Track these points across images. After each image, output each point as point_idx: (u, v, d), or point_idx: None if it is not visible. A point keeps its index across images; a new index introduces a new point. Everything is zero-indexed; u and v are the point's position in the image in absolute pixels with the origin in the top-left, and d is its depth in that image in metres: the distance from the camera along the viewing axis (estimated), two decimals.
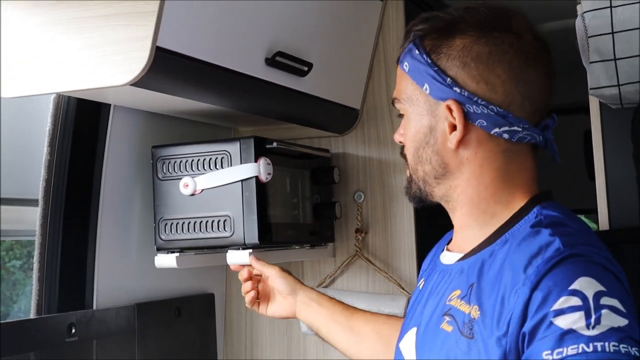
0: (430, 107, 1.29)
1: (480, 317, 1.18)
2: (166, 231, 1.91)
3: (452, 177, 1.30)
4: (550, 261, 1.13)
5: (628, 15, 1.58)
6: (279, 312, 1.73)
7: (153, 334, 2.00)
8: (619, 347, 1.04)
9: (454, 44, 1.27)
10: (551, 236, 1.17)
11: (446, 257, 1.37)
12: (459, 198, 1.31)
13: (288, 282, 1.70)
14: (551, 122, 1.30)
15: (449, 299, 1.27)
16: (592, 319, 1.06)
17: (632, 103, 1.62)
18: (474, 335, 1.18)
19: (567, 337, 1.06)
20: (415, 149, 1.33)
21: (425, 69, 1.28)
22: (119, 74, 1.46)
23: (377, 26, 2.26)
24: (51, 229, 1.82)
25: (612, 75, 1.61)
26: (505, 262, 1.19)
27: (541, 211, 1.25)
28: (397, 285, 2.19)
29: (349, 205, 2.28)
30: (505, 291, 1.15)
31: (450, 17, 1.30)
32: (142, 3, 1.43)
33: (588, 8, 1.62)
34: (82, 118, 1.86)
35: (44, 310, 1.80)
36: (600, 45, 1.61)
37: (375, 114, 2.28)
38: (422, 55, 1.28)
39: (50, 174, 1.82)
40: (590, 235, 1.22)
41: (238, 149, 1.87)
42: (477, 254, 1.27)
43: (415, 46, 1.30)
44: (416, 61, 1.29)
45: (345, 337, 1.65)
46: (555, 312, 1.08)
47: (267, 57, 1.79)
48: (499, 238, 1.25)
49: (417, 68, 1.29)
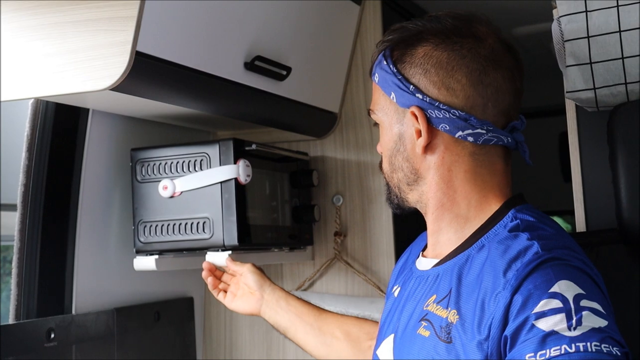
0: (398, 115, 1.33)
1: (459, 321, 1.18)
2: (145, 233, 1.91)
3: (423, 182, 1.32)
4: (530, 265, 1.14)
5: (603, 20, 1.59)
6: (242, 308, 1.72)
7: (132, 338, 2.00)
8: (600, 346, 1.05)
9: (416, 52, 1.30)
10: (529, 240, 1.19)
11: (422, 263, 1.38)
12: (430, 203, 1.33)
13: (257, 278, 1.71)
14: (519, 124, 1.31)
15: (426, 304, 1.28)
16: (574, 321, 1.07)
17: (607, 106, 1.64)
18: (452, 340, 1.18)
19: (549, 339, 1.07)
20: (389, 157, 1.36)
21: (392, 78, 1.31)
22: (99, 79, 1.45)
23: (354, 30, 2.27)
24: (30, 234, 1.82)
25: (588, 79, 1.62)
26: (484, 267, 1.20)
27: (516, 215, 1.26)
28: (375, 287, 2.20)
29: (328, 208, 2.28)
30: (486, 295, 1.16)
31: (415, 27, 1.32)
32: (121, 8, 1.43)
33: (564, 12, 1.64)
34: (60, 122, 1.85)
35: (23, 315, 1.80)
36: (576, 49, 1.62)
37: (353, 118, 2.29)
38: (389, 65, 1.32)
39: (28, 178, 1.81)
40: (566, 239, 1.24)
41: (217, 151, 1.87)
42: (453, 259, 1.28)
43: (384, 57, 1.34)
44: (384, 71, 1.33)
45: (313, 338, 1.65)
46: (536, 314, 1.09)
47: (246, 61, 1.79)
48: (475, 243, 1.27)
49: (384, 78, 1.33)
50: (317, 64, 2.14)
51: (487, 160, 1.29)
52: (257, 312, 1.71)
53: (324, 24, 2.12)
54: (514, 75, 1.30)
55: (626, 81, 1.59)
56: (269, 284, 1.71)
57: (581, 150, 1.76)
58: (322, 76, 2.19)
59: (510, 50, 1.31)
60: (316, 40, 2.10)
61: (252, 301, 1.71)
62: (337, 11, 2.18)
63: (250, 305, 1.71)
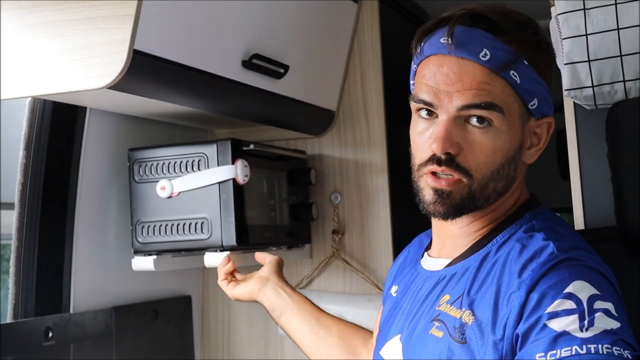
0: (522, 121, 1.24)
1: (475, 322, 1.17)
2: (143, 234, 1.91)
3: (508, 192, 1.28)
4: (545, 265, 1.14)
5: (601, 18, 1.59)
6: (242, 292, 1.65)
7: (130, 336, 2.00)
8: (611, 349, 1.04)
9: (541, 58, 1.25)
10: (545, 240, 1.18)
11: (429, 262, 1.35)
12: (488, 209, 1.28)
13: (273, 268, 1.66)
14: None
15: (438, 304, 1.25)
16: (586, 322, 1.06)
17: (606, 104, 1.64)
18: (467, 340, 1.17)
19: (560, 340, 1.06)
20: (500, 165, 1.23)
21: (539, 87, 1.24)
22: (97, 77, 1.45)
23: (352, 28, 2.27)
24: (27, 233, 1.81)
25: (586, 77, 1.62)
26: (499, 267, 1.19)
27: (533, 215, 1.26)
28: (374, 285, 2.20)
29: (326, 207, 2.28)
30: (500, 295, 1.16)
31: (536, 39, 1.26)
32: (119, 6, 1.43)
33: (562, 10, 1.64)
34: (58, 121, 1.85)
35: (21, 314, 1.79)
36: (575, 47, 1.62)
37: (351, 115, 2.29)
38: (531, 70, 1.23)
39: (26, 177, 1.81)
40: (581, 240, 1.23)
41: (215, 151, 1.87)
42: (467, 259, 1.26)
43: (525, 59, 1.22)
44: (528, 76, 1.23)
45: (307, 327, 1.59)
46: (549, 314, 1.09)
47: (243, 59, 1.79)
48: (490, 242, 1.25)
49: (529, 83, 1.23)
50: (315, 62, 2.14)
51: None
52: (256, 294, 1.63)
53: (321, 22, 2.12)
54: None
55: (624, 79, 1.60)
56: (279, 276, 1.65)
57: (579, 148, 1.76)
58: (319, 74, 2.18)
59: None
60: (314, 39, 2.10)
61: (255, 284, 1.64)
62: (335, 9, 2.18)
63: (249, 288, 1.64)
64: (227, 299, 2.32)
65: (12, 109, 1.87)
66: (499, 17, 1.22)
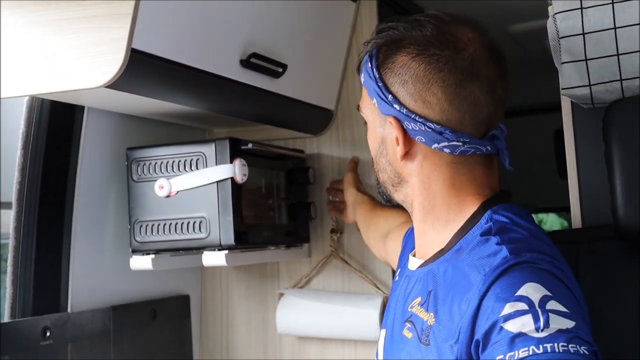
0: (381, 119, 1.35)
1: (435, 324, 1.21)
2: (141, 233, 1.91)
3: (407, 185, 1.35)
4: (497, 269, 1.16)
5: (598, 17, 1.60)
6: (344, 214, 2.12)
7: (128, 336, 2.00)
8: (567, 346, 1.06)
9: (397, 60, 1.31)
10: (498, 245, 1.20)
11: (411, 262, 1.40)
12: (414, 204, 1.35)
13: (350, 192, 2.10)
14: (499, 133, 1.31)
15: (411, 305, 1.31)
16: (541, 323, 1.08)
17: (603, 103, 1.64)
18: (430, 342, 1.21)
19: (517, 341, 1.08)
20: (375, 157, 1.39)
21: (374, 84, 1.33)
22: (94, 76, 1.45)
23: (350, 27, 2.27)
24: (25, 232, 1.82)
25: (583, 76, 1.63)
26: (457, 271, 1.22)
27: (492, 216, 1.28)
28: (372, 284, 2.20)
29: (324, 206, 2.28)
30: (456, 299, 1.18)
31: (398, 34, 1.32)
32: (117, 5, 1.43)
33: (559, 9, 1.64)
34: (55, 120, 1.85)
35: (18, 313, 1.79)
36: (572, 46, 1.62)
37: (349, 115, 2.29)
38: (373, 69, 1.33)
39: (23, 176, 1.81)
40: (538, 241, 1.25)
41: (213, 151, 1.87)
42: (434, 262, 1.30)
43: (369, 59, 1.35)
44: (368, 75, 1.35)
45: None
46: (504, 317, 1.10)
47: (242, 58, 1.79)
48: (453, 247, 1.28)
49: (368, 82, 1.35)
50: (313, 61, 2.14)
51: (465, 168, 1.31)
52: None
53: (320, 21, 2.12)
54: (495, 84, 1.29)
55: (621, 77, 1.60)
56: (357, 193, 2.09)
57: (577, 147, 1.76)
58: (318, 73, 2.19)
59: (492, 56, 1.30)
60: (312, 38, 2.10)
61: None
62: (333, 8, 2.18)
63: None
64: (226, 298, 2.34)
65: (11, 107, 1.87)
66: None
